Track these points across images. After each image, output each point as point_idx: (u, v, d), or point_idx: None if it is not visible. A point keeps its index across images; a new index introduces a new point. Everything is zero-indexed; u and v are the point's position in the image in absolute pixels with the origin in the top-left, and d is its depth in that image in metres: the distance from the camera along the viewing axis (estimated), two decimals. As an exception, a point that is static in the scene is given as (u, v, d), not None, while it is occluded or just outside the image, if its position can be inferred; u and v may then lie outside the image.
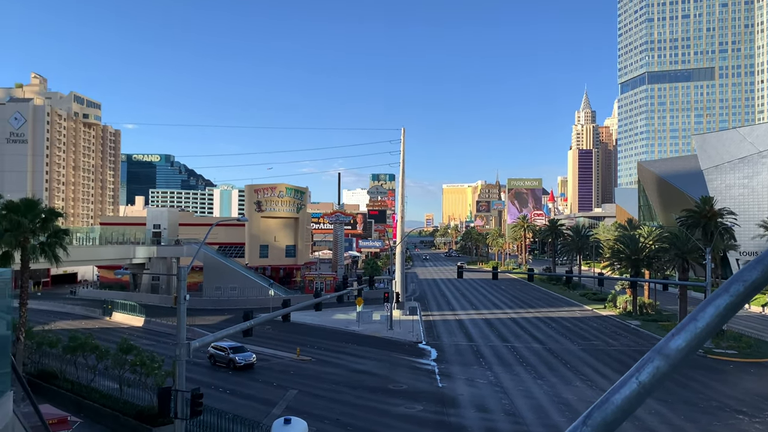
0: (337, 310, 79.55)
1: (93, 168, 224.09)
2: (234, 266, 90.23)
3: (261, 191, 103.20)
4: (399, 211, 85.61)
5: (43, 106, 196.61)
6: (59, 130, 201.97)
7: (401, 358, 51.53)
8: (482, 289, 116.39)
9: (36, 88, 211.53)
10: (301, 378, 43.26)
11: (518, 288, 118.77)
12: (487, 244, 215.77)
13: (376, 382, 42.34)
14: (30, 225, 37.52)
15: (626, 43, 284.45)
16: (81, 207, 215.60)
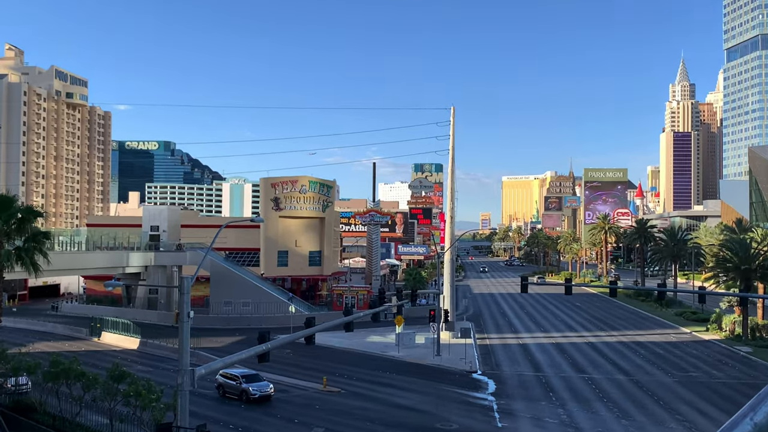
0: (371, 331, 79.77)
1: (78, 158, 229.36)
2: (247, 277, 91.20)
3: (279, 185, 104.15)
4: (448, 209, 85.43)
5: (19, 83, 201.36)
6: (38, 112, 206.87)
7: (451, 390, 51.44)
8: (552, 307, 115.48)
9: (10, 62, 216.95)
10: (328, 414, 43.55)
11: (597, 305, 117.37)
12: (558, 251, 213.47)
13: (419, 419, 42.35)
14: (4, 227, 38.34)
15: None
16: (64, 205, 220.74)
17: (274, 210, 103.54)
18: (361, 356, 65.71)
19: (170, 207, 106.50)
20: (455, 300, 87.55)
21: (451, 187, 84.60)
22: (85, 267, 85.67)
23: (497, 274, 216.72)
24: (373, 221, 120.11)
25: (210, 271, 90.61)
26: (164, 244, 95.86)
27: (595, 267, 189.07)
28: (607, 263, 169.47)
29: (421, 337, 72.69)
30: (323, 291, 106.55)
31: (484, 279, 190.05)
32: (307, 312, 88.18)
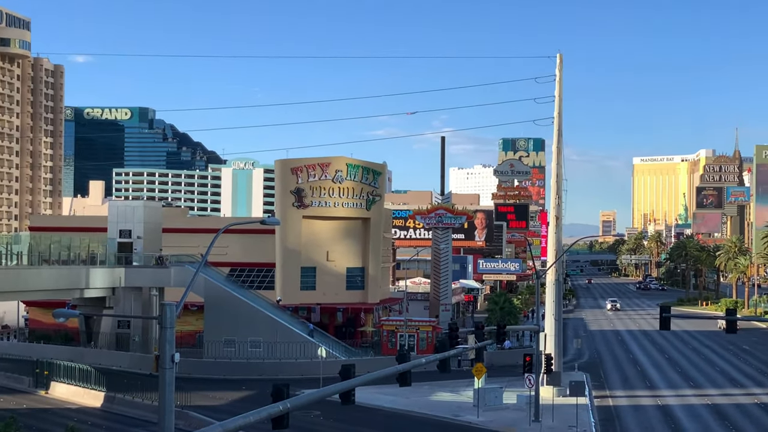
0: (438, 386, 79.39)
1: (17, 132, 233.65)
2: (257, 305, 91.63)
3: (304, 171, 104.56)
4: (552, 206, 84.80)
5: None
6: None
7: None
8: (706, 350, 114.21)
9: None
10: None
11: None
12: (717, 268, 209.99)
13: None
14: None
15: None
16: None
17: (295, 207, 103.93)
18: (422, 422, 65.68)
19: (148, 203, 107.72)
20: (563, 340, 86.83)
21: (558, 173, 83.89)
22: (27, 289, 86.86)
23: (626, 302, 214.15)
24: (442, 224, 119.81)
25: (204, 295, 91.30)
26: (139, 256, 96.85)
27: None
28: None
29: (512, 395, 72.26)
30: (367, 326, 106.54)
31: (605, 310, 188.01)
32: (344, 357, 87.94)
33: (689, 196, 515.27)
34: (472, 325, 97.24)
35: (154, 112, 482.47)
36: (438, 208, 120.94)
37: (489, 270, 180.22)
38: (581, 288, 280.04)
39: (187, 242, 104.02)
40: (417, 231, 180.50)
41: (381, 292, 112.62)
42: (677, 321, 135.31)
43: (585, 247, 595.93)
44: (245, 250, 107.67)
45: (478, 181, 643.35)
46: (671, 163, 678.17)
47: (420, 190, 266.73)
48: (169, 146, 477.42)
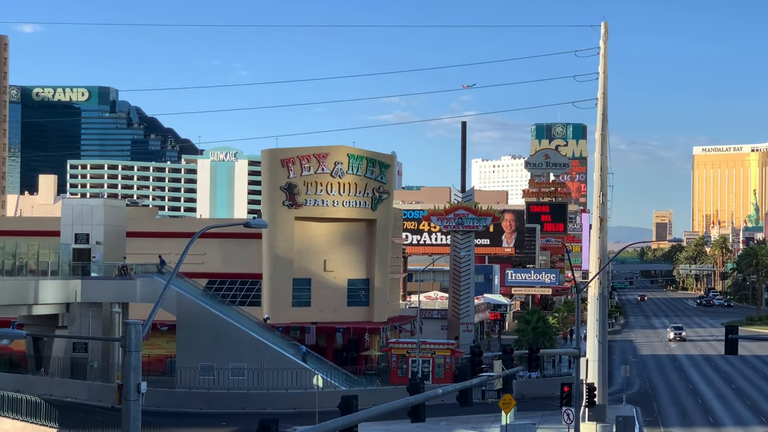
0: (458, 421, 79.68)
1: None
2: (239, 324, 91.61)
3: (296, 162, 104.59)
4: (595, 205, 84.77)
5: None
6: None
7: None
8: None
9: None
10: None
11: None
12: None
13: None
14: None
15: None
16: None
17: (286, 206, 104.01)
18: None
19: (109, 201, 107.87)
20: (608, 367, 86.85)
21: (603, 165, 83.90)
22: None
23: (684, 321, 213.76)
24: (463, 227, 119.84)
25: (176, 313, 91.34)
26: (98, 265, 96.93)
27: None
28: None
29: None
30: (373, 350, 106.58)
31: (659, 330, 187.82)
32: (345, 386, 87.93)
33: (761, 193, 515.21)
34: (498, 348, 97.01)
35: (116, 93, 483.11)
36: (458, 208, 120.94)
37: (519, 282, 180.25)
38: (631, 304, 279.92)
39: (156, 248, 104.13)
40: (433, 235, 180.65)
41: (389, 308, 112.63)
42: (746, 344, 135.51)
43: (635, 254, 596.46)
44: (226, 259, 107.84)
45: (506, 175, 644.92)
46: (739, 153, 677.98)
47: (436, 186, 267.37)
48: (134, 133, 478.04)
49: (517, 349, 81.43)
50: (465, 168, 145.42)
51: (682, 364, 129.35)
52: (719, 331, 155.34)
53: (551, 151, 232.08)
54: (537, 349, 63.17)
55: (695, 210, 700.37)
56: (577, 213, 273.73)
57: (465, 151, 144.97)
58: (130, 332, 28.55)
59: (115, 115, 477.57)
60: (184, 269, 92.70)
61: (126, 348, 28.48)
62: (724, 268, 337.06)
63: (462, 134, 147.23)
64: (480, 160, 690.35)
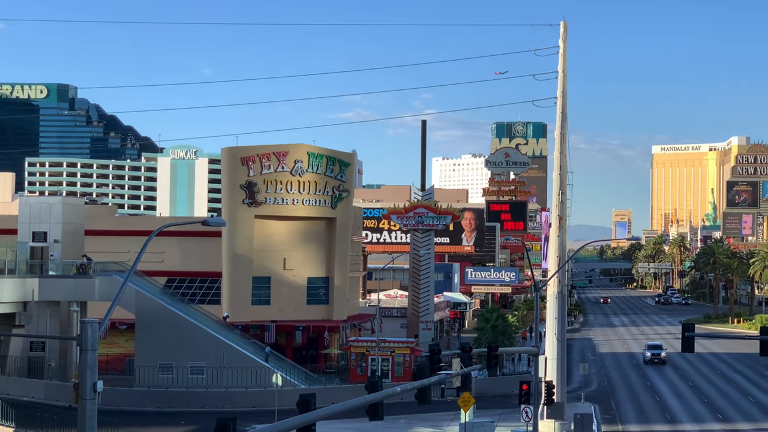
0: (417, 419, 79.76)
1: None
2: (198, 322, 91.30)
3: (256, 161, 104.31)
4: (555, 204, 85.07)
5: None
6: None
7: None
8: (737, 376, 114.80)
9: None
10: None
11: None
12: (751, 278, 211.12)
13: None
14: None
15: None
16: None
17: (246, 205, 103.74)
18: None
19: (67, 199, 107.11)
20: (567, 365, 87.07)
21: (562, 164, 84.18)
22: None
23: (642, 318, 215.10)
24: (423, 225, 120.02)
25: (135, 311, 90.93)
26: (56, 263, 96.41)
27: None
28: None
29: (506, 431, 72.55)
30: (332, 348, 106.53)
31: (618, 328, 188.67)
32: (304, 384, 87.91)
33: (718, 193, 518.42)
34: (458, 346, 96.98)
35: (75, 90, 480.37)
36: (418, 207, 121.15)
37: (479, 281, 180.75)
38: (590, 303, 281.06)
39: (115, 247, 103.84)
40: (393, 234, 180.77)
41: (349, 307, 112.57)
42: (703, 342, 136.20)
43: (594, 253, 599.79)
44: (186, 257, 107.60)
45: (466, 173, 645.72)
46: (697, 152, 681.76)
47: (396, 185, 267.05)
48: (93, 131, 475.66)
49: (476, 347, 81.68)
50: (425, 166, 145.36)
51: (640, 361, 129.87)
52: (677, 329, 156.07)
53: (511, 150, 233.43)
54: (496, 348, 63.30)
55: (654, 209, 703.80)
56: (536, 211, 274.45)
57: (425, 149, 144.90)
58: (87, 331, 28.40)
59: (74, 113, 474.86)
60: (144, 267, 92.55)
61: (82, 347, 28.32)
62: (682, 266, 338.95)
63: (422, 132, 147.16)
64: (440, 159, 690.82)
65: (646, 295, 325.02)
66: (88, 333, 28.39)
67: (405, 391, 48.39)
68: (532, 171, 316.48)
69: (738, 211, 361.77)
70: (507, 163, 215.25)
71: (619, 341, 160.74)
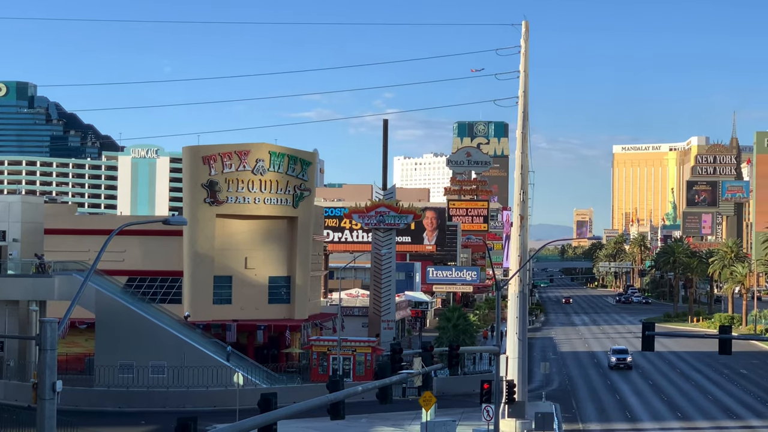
0: (378, 418, 79.86)
1: None
2: (159, 321, 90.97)
3: (218, 160, 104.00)
4: (516, 204, 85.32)
5: None
6: None
7: None
8: (696, 374, 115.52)
9: None
10: None
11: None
12: (710, 277, 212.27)
13: None
14: None
15: None
16: None
17: (207, 204, 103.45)
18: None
19: (27, 198, 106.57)
20: (528, 364, 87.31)
21: (523, 163, 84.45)
22: None
23: (603, 317, 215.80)
24: (384, 224, 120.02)
25: (95, 310, 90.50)
26: (15, 262, 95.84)
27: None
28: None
29: (467, 429, 72.68)
30: (294, 348, 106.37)
31: (579, 327, 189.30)
32: (265, 384, 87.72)
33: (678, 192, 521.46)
34: (419, 346, 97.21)
35: (35, 88, 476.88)
36: (379, 206, 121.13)
37: (440, 280, 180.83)
38: (551, 302, 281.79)
39: (75, 246, 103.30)
40: (354, 233, 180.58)
41: (310, 306, 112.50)
42: (663, 340, 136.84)
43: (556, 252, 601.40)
44: (147, 256, 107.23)
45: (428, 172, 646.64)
46: (657, 152, 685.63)
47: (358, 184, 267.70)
48: (53, 129, 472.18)
49: (437, 346, 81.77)
50: (387, 166, 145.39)
51: (600, 360, 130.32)
52: (637, 327, 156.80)
53: (473, 149, 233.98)
54: (457, 347, 63.40)
55: (615, 208, 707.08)
56: (498, 211, 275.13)
57: (387, 148, 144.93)
58: (46, 330, 28.25)
59: (34, 111, 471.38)
60: (104, 267, 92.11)
61: (42, 346, 28.17)
62: (642, 265, 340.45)
63: (384, 132, 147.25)
64: (402, 158, 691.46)
65: (607, 294, 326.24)
66: (48, 332, 28.23)
67: (366, 390, 48.39)
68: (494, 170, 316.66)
69: (698, 210, 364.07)
70: (468, 163, 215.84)
71: (580, 340, 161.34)
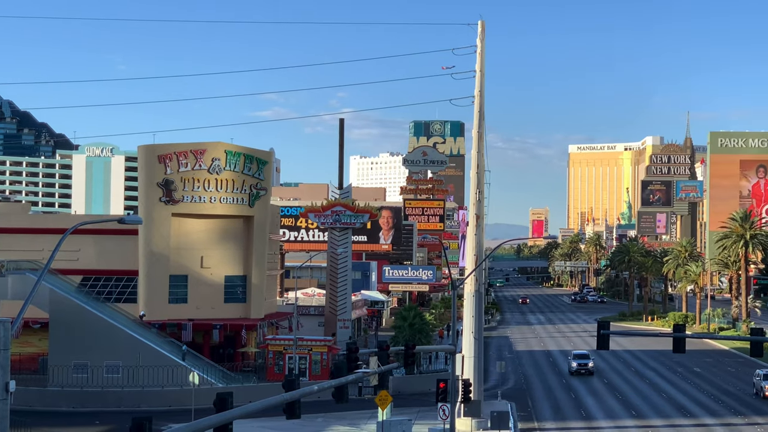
0: (334, 417, 79.79)
1: None
2: (114, 321, 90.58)
3: (174, 159, 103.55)
4: (472, 203, 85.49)
5: None
6: None
7: None
8: (651, 373, 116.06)
9: None
10: None
11: (730, 371, 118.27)
12: (665, 276, 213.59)
13: None
14: None
15: None
16: None
17: (163, 203, 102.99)
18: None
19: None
20: (483, 363, 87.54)
21: (479, 163, 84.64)
22: None
23: (558, 316, 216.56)
24: (340, 223, 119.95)
25: (49, 310, 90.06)
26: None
27: (729, 304, 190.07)
28: (747, 298, 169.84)
29: (423, 428, 72.60)
30: (250, 347, 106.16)
31: (535, 326, 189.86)
32: (221, 383, 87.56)
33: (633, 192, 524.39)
34: (375, 345, 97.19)
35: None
36: (335, 205, 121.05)
37: (397, 279, 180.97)
38: (507, 301, 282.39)
39: (29, 245, 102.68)
40: (310, 232, 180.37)
41: (266, 305, 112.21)
42: (618, 339, 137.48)
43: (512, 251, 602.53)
44: (101, 255, 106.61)
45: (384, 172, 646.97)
46: (613, 152, 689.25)
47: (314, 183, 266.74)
48: (6, 127, 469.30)
49: (393, 345, 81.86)
50: (343, 165, 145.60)
51: (556, 359, 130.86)
52: (592, 326, 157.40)
53: (429, 149, 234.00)
54: (413, 346, 63.57)
55: (570, 208, 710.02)
56: (454, 210, 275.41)
57: (343, 148, 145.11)
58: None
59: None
60: (59, 266, 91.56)
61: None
62: (598, 264, 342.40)
63: (340, 131, 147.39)
64: (358, 157, 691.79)
65: (563, 294, 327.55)
66: (1, 332, 28.06)
67: (322, 389, 48.42)
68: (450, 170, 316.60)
69: (652, 210, 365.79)
70: (424, 162, 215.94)
71: (535, 339, 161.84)
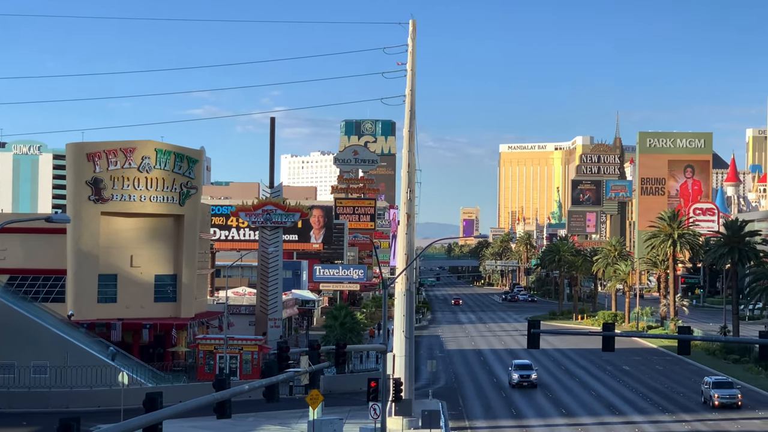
0: (265, 417, 79.67)
1: None
2: (41, 321, 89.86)
3: (102, 157, 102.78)
4: (403, 202, 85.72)
5: None
6: None
7: None
8: (580, 371, 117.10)
9: None
10: None
11: (658, 368, 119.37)
12: (594, 275, 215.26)
13: None
14: None
15: None
16: None
17: (92, 201, 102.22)
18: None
19: None
20: (414, 362, 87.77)
21: (410, 162, 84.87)
22: None
23: (489, 315, 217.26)
24: (271, 222, 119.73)
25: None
26: None
27: (658, 303, 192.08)
28: (675, 296, 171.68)
29: (354, 428, 72.70)
30: (180, 346, 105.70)
31: (466, 325, 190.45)
32: (151, 383, 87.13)
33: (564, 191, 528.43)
34: (306, 344, 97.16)
35: None
36: (266, 204, 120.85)
37: (328, 278, 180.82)
38: (438, 300, 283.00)
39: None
40: (241, 231, 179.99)
41: (197, 304, 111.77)
42: (548, 338, 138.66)
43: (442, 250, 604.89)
44: (29, 254, 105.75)
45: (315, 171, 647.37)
46: (543, 151, 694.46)
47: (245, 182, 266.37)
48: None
49: (324, 344, 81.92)
50: (274, 164, 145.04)
51: (487, 358, 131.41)
52: (523, 325, 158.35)
53: (360, 147, 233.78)
54: (344, 345, 63.64)
55: (501, 207, 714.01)
56: (385, 209, 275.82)
57: (273, 146, 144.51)
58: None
59: None
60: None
61: None
62: (528, 264, 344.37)
63: (271, 130, 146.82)
64: (289, 156, 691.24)
65: (494, 293, 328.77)
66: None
67: (253, 388, 48.35)
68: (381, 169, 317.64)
69: (582, 209, 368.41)
70: (356, 161, 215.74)
71: (466, 338, 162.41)
